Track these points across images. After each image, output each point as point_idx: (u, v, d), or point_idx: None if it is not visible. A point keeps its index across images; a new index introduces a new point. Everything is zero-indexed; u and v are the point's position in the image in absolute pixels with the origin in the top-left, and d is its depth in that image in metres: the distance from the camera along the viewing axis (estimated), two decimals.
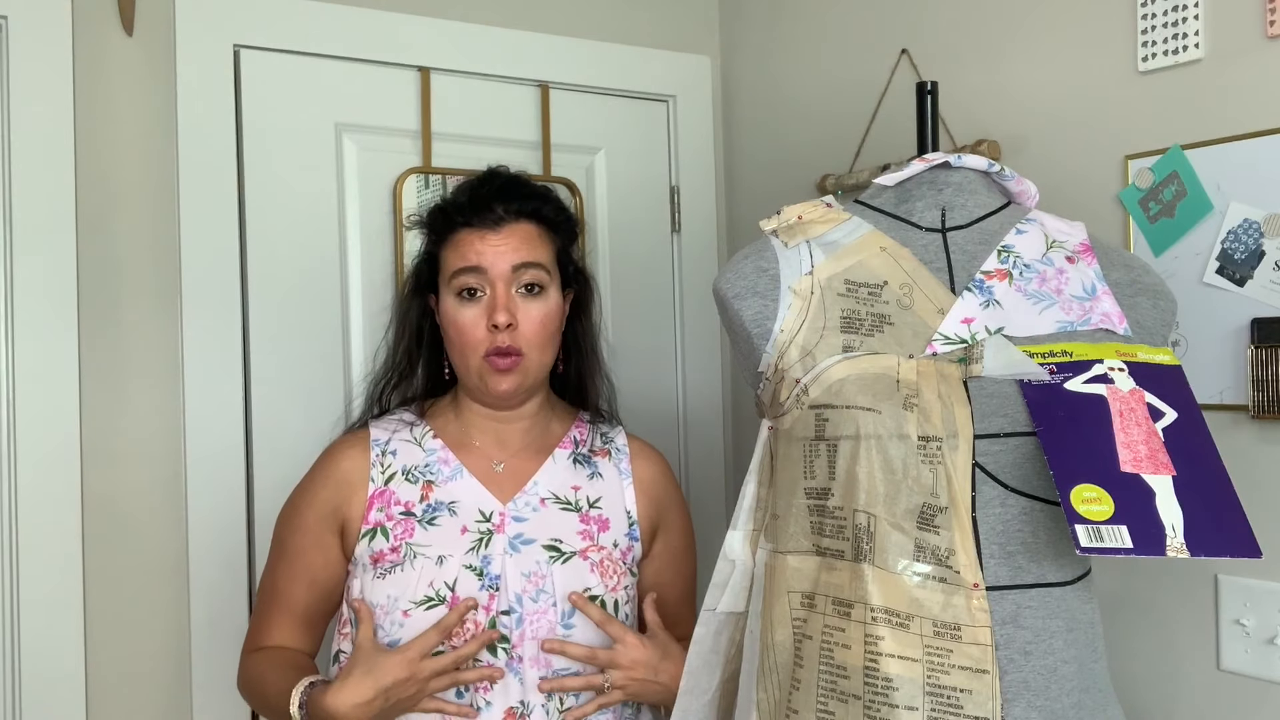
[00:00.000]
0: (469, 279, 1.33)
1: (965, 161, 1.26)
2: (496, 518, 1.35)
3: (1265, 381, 1.32)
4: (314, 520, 1.36)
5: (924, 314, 1.18)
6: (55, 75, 1.59)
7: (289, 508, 1.40)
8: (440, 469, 1.37)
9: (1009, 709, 1.05)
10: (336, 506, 1.36)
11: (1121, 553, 0.97)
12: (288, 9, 1.78)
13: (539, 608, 1.32)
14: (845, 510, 1.11)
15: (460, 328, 1.33)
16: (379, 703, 1.21)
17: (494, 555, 1.33)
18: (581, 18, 2.06)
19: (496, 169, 1.42)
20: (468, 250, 1.34)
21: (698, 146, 2.18)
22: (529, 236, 1.36)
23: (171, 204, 1.69)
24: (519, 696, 1.30)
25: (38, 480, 1.57)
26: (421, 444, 1.39)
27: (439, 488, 1.36)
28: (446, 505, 1.35)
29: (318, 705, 1.22)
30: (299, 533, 1.37)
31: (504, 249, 1.33)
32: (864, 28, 1.91)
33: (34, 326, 1.58)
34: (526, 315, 1.34)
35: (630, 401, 2.08)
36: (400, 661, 1.22)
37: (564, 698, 1.32)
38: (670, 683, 1.32)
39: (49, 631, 1.57)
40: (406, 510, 1.35)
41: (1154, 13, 1.45)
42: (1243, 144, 1.36)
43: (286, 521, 1.39)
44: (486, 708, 1.28)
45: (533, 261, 1.34)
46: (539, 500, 1.38)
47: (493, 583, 1.31)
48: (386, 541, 1.33)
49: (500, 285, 1.33)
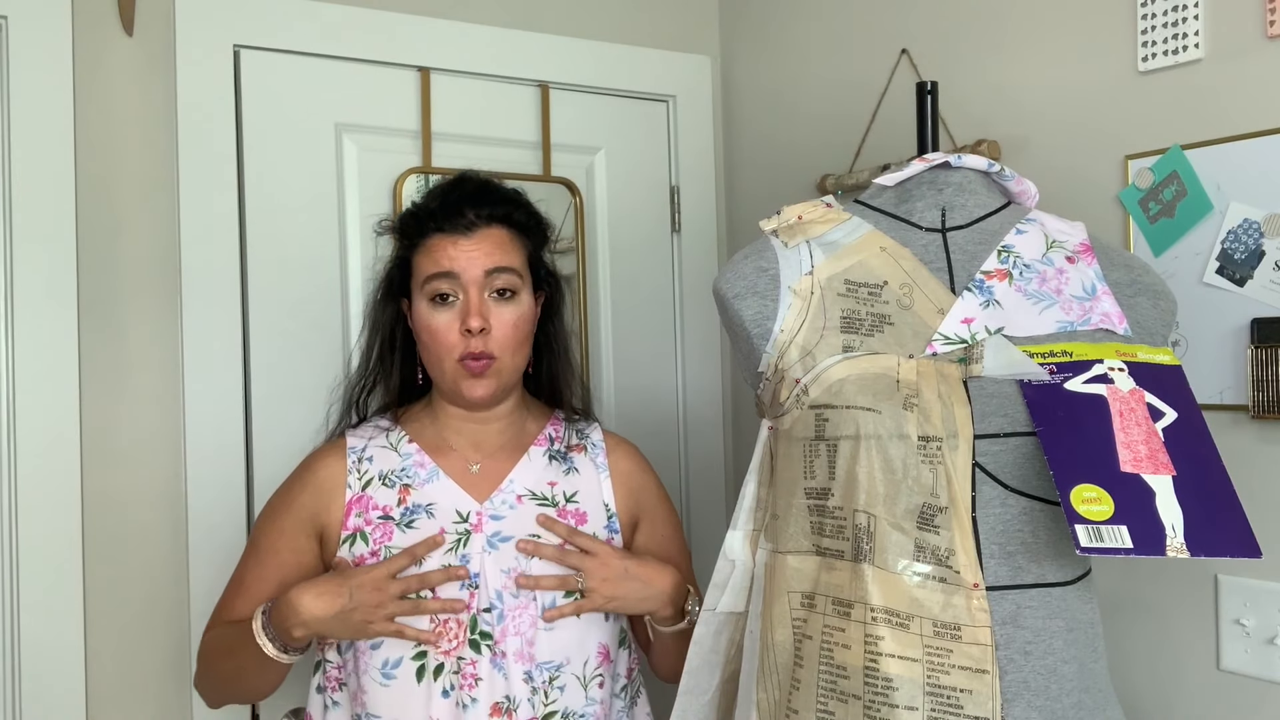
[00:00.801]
0: (441, 284, 1.33)
1: (965, 161, 1.26)
2: (474, 517, 1.36)
3: (1265, 381, 1.32)
4: (289, 522, 1.37)
5: (924, 314, 1.18)
6: (55, 75, 1.59)
7: (266, 510, 1.42)
8: (417, 472, 1.38)
9: (1009, 709, 1.05)
10: (314, 512, 1.37)
11: (1121, 553, 0.97)
12: (288, 9, 1.78)
13: (520, 603, 1.33)
14: (845, 510, 1.11)
15: (433, 332, 1.34)
16: (341, 602, 1.25)
17: (473, 554, 1.34)
18: (581, 18, 2.06)
19: (467, 173, 1.43)
20: (440, 255, 1.34)
21: (698, 146, 2.18)
22: (501, 241, 1.36)
23: (171, 204, 1.69)
24: (504, 691, 1.30)
25: (38, 480, 1.57)
26: (397, 449, 1.40)
27: (416, 491, 1.37)
28: (424, 508, 1.36)
29: (282, 601, 1.27)
30: (273, 533, 1.38)
31: (476, 254, 1.34)
32: (864, 28, 1.91)
33: (34, 326, 1.58)
34: (499, 320, 1.34)
35: (630, 401, 2.09)
36: (371, 578, 1.26)
37: (549, 691, 1.33)
38: (650, 580, 1.36)
39: (49, 631, 1.57)
40: (385, 514, 1.36)
41: (1154, 13, 1.45)
42: (1243, 144, 1.36)
43: (262, 523, 1.41)
44: (473, 704, 1.29)
45: (505, 266, 1.35)
46: (515, 498, 1.39)
47: (472, 581, 1.33)
48: (366, 546, 1.34)
49: (473, 290, 1.33)
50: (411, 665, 1.30)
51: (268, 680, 1.35)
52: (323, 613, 1.25)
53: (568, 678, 1.34)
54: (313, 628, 1.26)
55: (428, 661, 1.30)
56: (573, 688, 1.34)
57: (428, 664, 1.30)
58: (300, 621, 1.25)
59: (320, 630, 1.26)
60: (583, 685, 1.35)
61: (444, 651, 1.30)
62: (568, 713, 1.34)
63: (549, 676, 1.33)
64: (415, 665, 1.30)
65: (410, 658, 1.30)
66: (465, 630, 1.31)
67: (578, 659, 1.35)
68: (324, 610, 1.25)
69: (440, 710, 1.29)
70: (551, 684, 1.33)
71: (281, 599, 1.28)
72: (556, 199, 1.99)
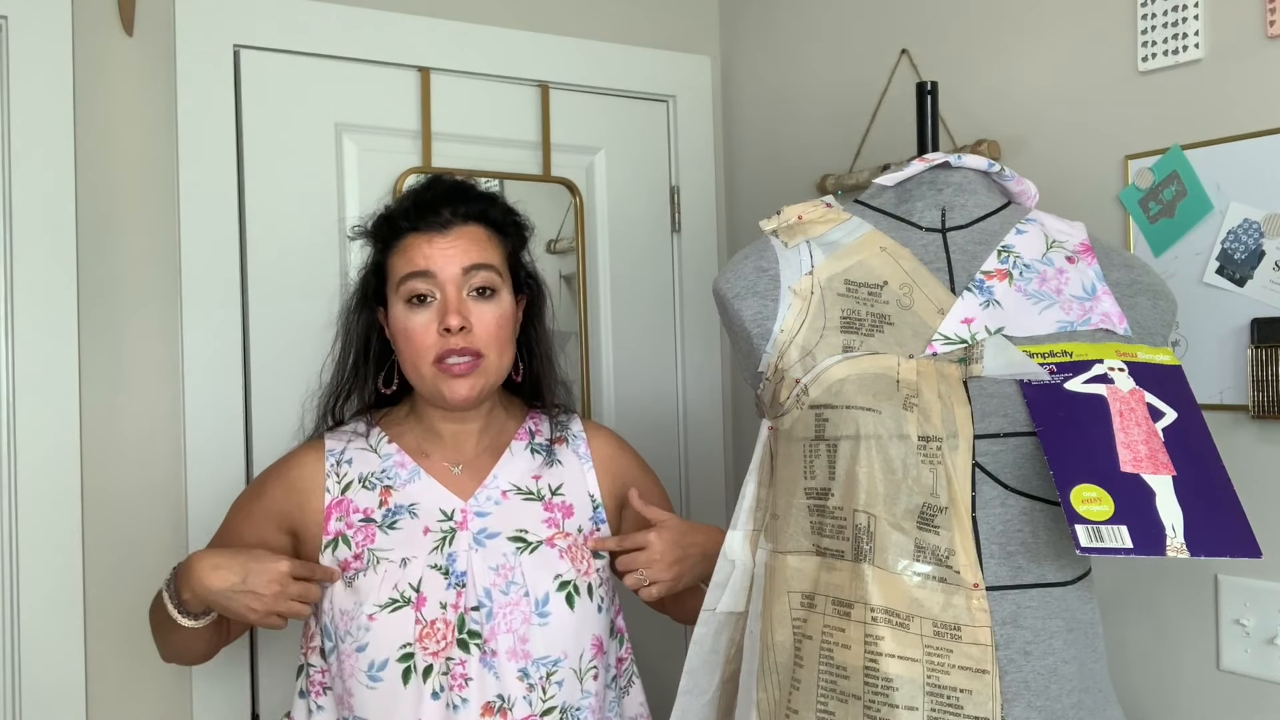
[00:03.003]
0: (418, 284, 1.32)
1: (965, 161, 1.26)
2: (459, 515, 1.35)
3: (1265, 381, 1.32)
4: (259, 510, 1.38)
5: (924, 314, 1.18)
6: (55, 75, 1.59)
7: (239, 499, 1.42)
8: (398, 473, 1.37)
9: (1009, 709, 1.05)
10: (286, 510, 1.37)
11: (1121, 553, 0.97)
12: (288, 9, 1.78)
13: (510, 599, 1.31)
14: (845, 510, 1.11)
15: (410, 334, 1.32)
16: (233, 580, 1.25)
17: (458, 552, 1.33)
18: (581, 18, 2.06)
19: (440, 175, 1.42)
20: (415, 254, 1.32)
21: (698, 146, 2.18)
22: (478, 239, 1.35)
23: (171, 204, 1.69)
24: (496, 691, 1.29)
25: (38, 480, 1.57)
26: (377, 450, 1.39)
27: (397, 491, 1.36)
28: (406, 508, 1.35)
29: (184, 562, 1.29)
30: (239, 518, 1.39)
31: (453, 252, 1.32)
32: (864, 28, 1.91)
33: (34, 326, 1.58)
34: (480, 318, 1.32)
35: (630, 401, 2.09)
36: (276, 570, 1.26)
37: (547, 687, 1.31)
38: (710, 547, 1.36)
39: (49, 632, 1.57)
40: (366, 517, 1.34)
41: (1154, 13, 1.45)
42: (1243, 144, 1.36)
43: (235, 508, 1.42)
44: (463, 705, 1.27)
45: (483, 263, 1.33)
46: (500, 493, 1.38)
47: (459, 579, 1.31)
48: (350, 549, 1.33)
49: (450, 288, 1.31)
50: (398, 667, 1.27)
51: (184, 644, 1.35)
52: (212, 584, 1.25)
53: (565, 672, 1.32)
54: (200, 595, 1.26)
55: (415, 662, 1.28)
56: (570, 682, 1.33)
57: (415, 665, 1.28)
58: (189, 585, 1.26)
59: (207, 600, 1.27)
60: (579, 679, 1.34)
61: (432, 653, 1.28)
62: (566, 708, 1.32)
63: (546, 672, 1.31)
64: (402, 667, 1.28)
65: (396, 659, 1.27)
66: (453, 630, 1.29)
67: (574, 653, 1.33)
68: (215, 582, 1.25)
69: (430, 713, 1.27)
70: (549, 679, 1.32)
71: (185, 560, 1.29)
72: (556, 199, 1.99)
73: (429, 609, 1.29)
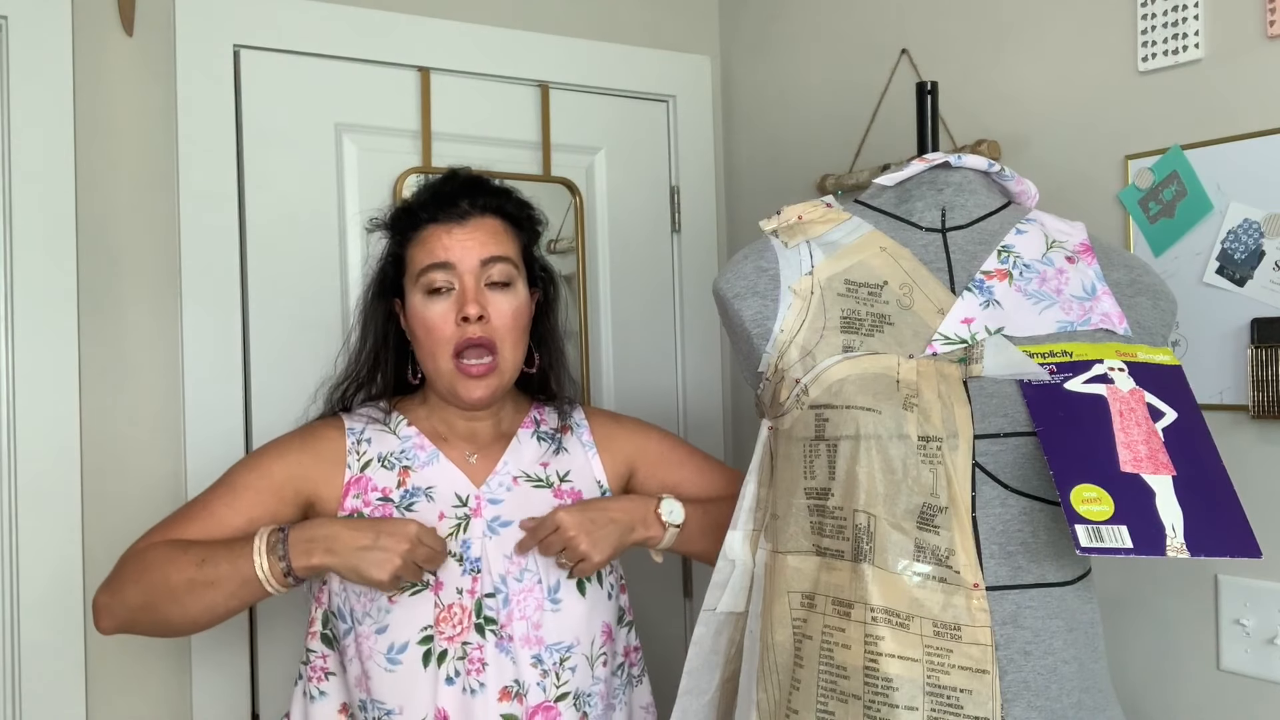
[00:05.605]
0: (437, 275, 1.33)
1: (965, 161, 1.26)
2: (473, 501, 1.36)
3: (1265, 381, 1.32)
4: (279, 470, 1.34)
5: (924, 314, 1.18)
6: (55, 75, 1.59)
7: (254, 456, 1.38)
8: (417, 454, 1.38)
9: (1009, 709, 1.05)
10: (309, 476, 1.34)
11: (1121, 553, 0.97)
12: (288, 9, 1.78)
13: (524, 587, 1.33)
14: (845, 510, 1.11)
15: (428, 324, 1.33)
16: (367, 540, 1.23)
17: (473, 539, 1.34)
18: (581, 18, 2.06)
19: (457, 169, 1.43)
20: (435, 245, 1.34)
21: (698, 146, 2.18)
22: (495, 230, 1.36)
23: (171, 203, 1.69)
24: (513, 676, 1.30)
25: (38, 480, 1.57)
26: (396, 432, 1.40)
27: (415, 473, 1.37)
28: (423, 491, 1.36)
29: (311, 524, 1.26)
30: (257, 473, 1.35)
31: (471, 243, 1.34)
32: (864, 28, 1.91)
33: (34, 325, 1.57)
34: (497, 309, 1.34)
35: (630, 401, 2.09)
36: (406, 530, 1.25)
37: (560, 673, 1.32)
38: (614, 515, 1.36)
39: (49, 631, 1.57)
40: (384, 496, 1.35)
41: (1154, 13, 1.45)
42: (1243, 144, 1.36)
43: (245, 464, 1.37)
44: (480, 689, 1.29)
45: (500, 255, 1.35)
46: (511, 480, 1.39)
47: (474, 566, 1.32)
48: None
49: (469, 279, 1.33)
50: (418, 650, 1.29)
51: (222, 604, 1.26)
52: (352, 542, 1.23)
53: (578, 658, 1.34)
54: (337, 555, 1.23)
55: (433, 647, 1.29)
56: (582, 668, 1.35)
57: (433, 649, 1.29)
58: (328, 548, 1.23)
59: (337, 562, 1.23)
60: (590, 665, 1.36)
61: (448, 638, 1.30)
62: (578, 693, 1.34)
63: (560, 658, 1.33)
64: (422, 650, 1.29)
65: (416, 642, 1.29)
66: (470, 615, 1.31)
67: (586, 639, 1.35)
68: (352, 541, 1.23)
69: (447, 697, 1.29)
70: (563, 665, 1.33)
71: (311, 522, 1.26)
72: (556, 199, 1.99)
73: (446, 593, 1.31)
